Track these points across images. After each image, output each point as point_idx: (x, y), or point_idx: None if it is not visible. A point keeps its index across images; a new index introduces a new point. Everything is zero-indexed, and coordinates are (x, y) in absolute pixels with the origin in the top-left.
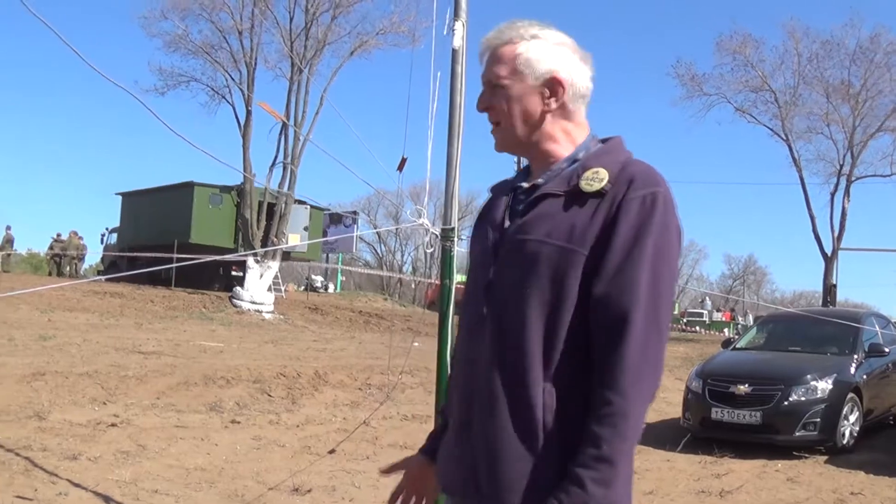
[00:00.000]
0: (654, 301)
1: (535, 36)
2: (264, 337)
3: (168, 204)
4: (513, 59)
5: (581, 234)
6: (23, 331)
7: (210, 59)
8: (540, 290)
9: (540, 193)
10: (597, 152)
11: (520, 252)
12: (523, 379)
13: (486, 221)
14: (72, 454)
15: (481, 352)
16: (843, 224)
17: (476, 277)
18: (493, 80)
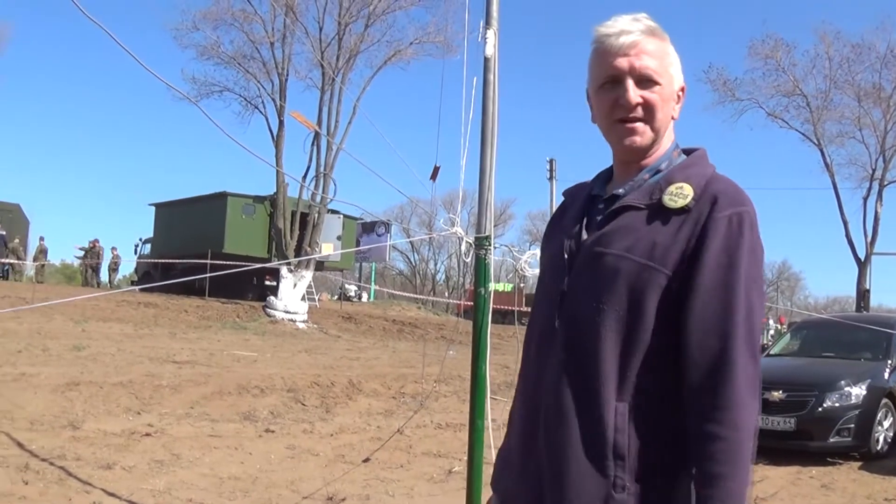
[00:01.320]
0: (750, 329)
1: (667, 37)
2: (298, 346)
3: (201, 214)
4: (662, 56)
5: (663, 253)
6: (57, 341)
7: (242, 69)
8: (617, 306)
9: (621, 205)
10: (681, 165)
11: (597, 265)
12: (594, 396)
13: (559, 229)
14: (106, 463)
15: (551, 363)
16: (876, 228)
17: (547, 287)
18: (647, 74)
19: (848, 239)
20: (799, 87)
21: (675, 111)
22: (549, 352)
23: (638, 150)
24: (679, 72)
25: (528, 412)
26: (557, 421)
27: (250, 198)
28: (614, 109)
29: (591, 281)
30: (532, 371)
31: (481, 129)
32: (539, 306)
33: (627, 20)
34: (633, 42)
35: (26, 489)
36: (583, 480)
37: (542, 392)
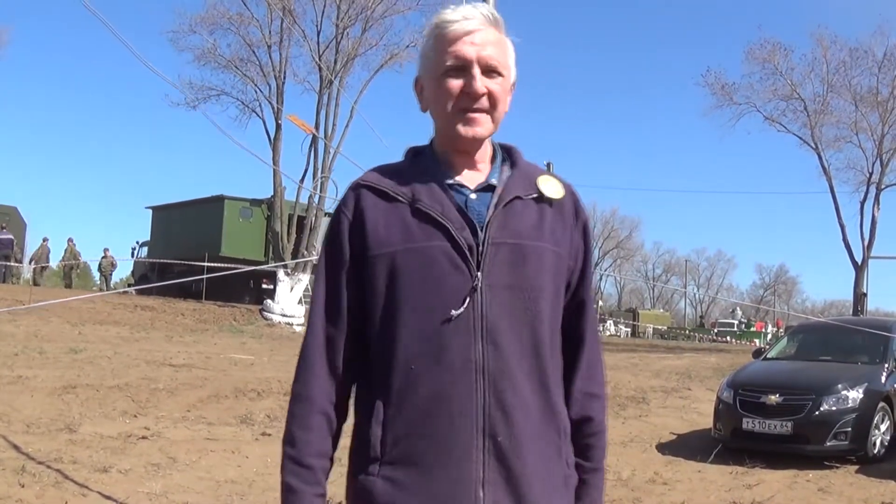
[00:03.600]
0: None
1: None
2: (295, 349)
3: (199, 217)
4: (504, 48)
5: (561, 239)
6: (53, 344)
7: (239, 73)
8: (547, 293)
9: (511, 196)
10: (523, 159)
11: (520, 255)
12: (546, 385)
13: (420, 219)
14: (102, 467)
15: (477, 360)
16: (873, 232)
17: (439, 281)
18: (493, 64)
19: (845, 243)
20: (796, 91)
21: (507, 104)
22: (469, 354)
23: (478, 141)
24: (514, 65)
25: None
26: (517, 418)
27: (247, 201)
28: (460, 98)
29: (514, 272)
30: (444, 379)
31: None
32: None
33: (469, 8)
34: (477, 30)
35: (23, 492)
36: (550, 469)
37: (475, 396)
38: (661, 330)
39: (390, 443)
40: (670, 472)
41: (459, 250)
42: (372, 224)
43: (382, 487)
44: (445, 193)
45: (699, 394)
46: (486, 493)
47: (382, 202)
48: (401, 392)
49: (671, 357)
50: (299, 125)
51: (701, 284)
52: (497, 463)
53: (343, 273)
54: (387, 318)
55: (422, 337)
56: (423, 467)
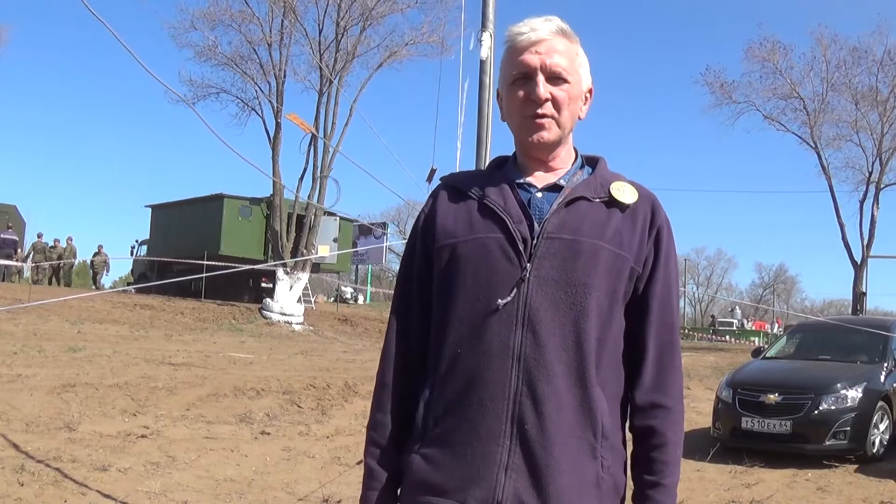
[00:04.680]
0: (678, 316)
1: (578, 39)
2: (294, 348)
3: (198, 216)
4: (572, 56)
5: (628, 242)
6: (52, 342)
7: (239, 71)
8: (596, 290)
9: (576, 195)
10: (605, 169)
11: (571, 251)
12: (583, 381)
13: (482, 213)
14: (101, 465)
15: (516, 353)
16: (873, 232)
17: (490, 273)
18: (557, 71)
19: (844, 242)
20: (796, 90)
21: (583, 112)
22: (508, 341)
23: (546, 145)
24: (588, 73)
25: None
26: (548, 409)
27: (247, 199)
28: (525, 105)
29: (564, 267)
30: (481, 363)
31: (476, 131)
32: (478, 294)
33: (539, 21)
34: (543, 40)
35: (22, 490)
36: (579, 465)
37: (507, 382)
38: None
39: (431, 422)
40: None
41: (513, 242)
42: (442, 218)
43: (419, 464)
44: (512, 191)
45: (698, 393)
46: (507, 479)
47: (456, 199)
48: (444, 374)
49: None
50: (299, 124)
51: (700, 283)
52: (522, 450)
53: (415, 265)
54: (443, 304)
55: (468, 322)
56: (454, 447)
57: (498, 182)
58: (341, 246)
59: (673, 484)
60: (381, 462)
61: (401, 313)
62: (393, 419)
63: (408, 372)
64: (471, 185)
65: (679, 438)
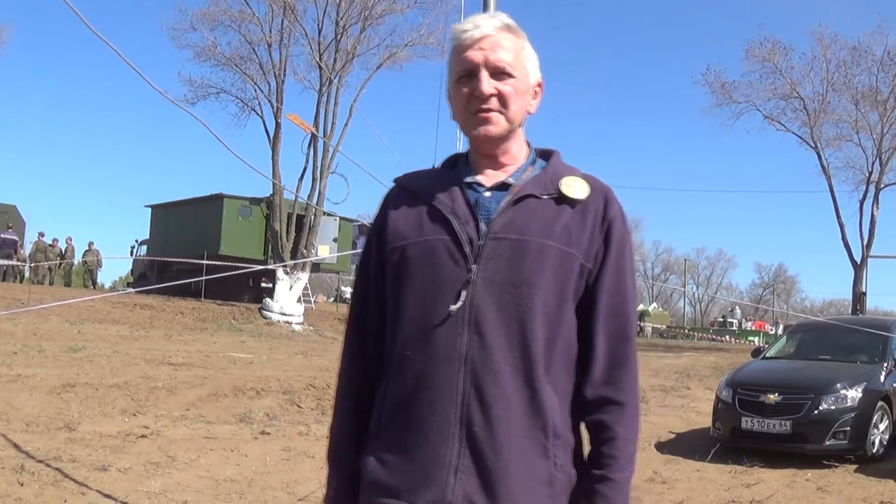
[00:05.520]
0: (634, 312)
1: (524, 34)
2: (294, 348)
3: (198, 216)
4: (517, 51)
5: (577, 239)
6: (52, 342)
7: (239, 71)
8: (544, 290)
9: (524, 194)
10: (559, 161)
11: (517, 251)
12: (532, 382)
13: (430, 215)
14: (101, 465)
15: (463, 354)
16: (873, 232)
17: (436, 276)
18: (501, 66)
19: (844, 242)
20: (796, 90)
21: (532, 106)
22: (455, 343)
23: (492, 139)
24: (536, 68)
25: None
26: (496, 410)
27: (247, 199)
28: (470, 101)
29: (510, 267)
30: (428, 365)
31: None
32: (425, 296)
33: (483, 17)
34: (487, 36)
35: (22, 490)
36: (529, 465)
37: (455, 384)
38: (660, 329)
39: (383, 423)
40: (669, 471)
41: (459, 244)
42: (393, 220)
43: (373, 465)
44: (461, 191)
45: (698, 393)
46: (457, 480)
47: (407, 200)
48: (395, 376)
49: (670, 356)
50: (298, 124)
51: (700, 283)
52: (471, 452)
53: (370, 267)
54: (393, 306)
55: (416, 324)
56: (405, 448)
57: (447, 182)
58: (341, 246)
59: (623, 479)
60: (343, 463)
61: (358, 315)
62: (353, 422)
63: (366, 373)
64: (422, 185)
65: (631, 434)
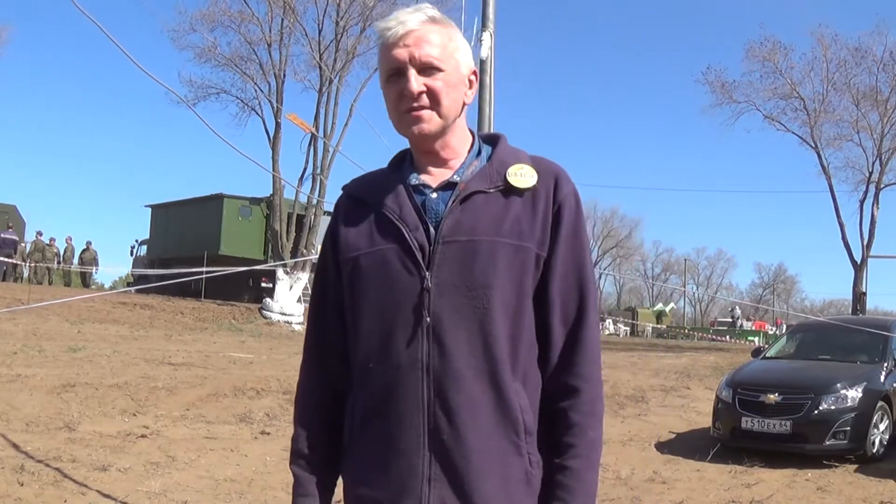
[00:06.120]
0: (595, 293)
1: (452, 24)
2: (294, 348)
3: (198, 216)
4: (444, 43)
5: (529, 231)
6: (52, 342)
7: (239, 71)
8: (501, 290)
9: (470, 191)
10: (503, 149)
11: (469, 253)
12: (498, 383)
13: (379, 224)
14: (101, 465)
15: (425, 362)
16: (873, 231)
17: (393, 285)
18: (428, 61)
19: (844, 242)
20: (796, 89)
21: (468, 96)
22: (415, 353)
23: (428, 137)
24: (468, 56)
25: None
26: (462, 416)
27: (247, 199)
28: (400, 100)
29: (463, 270)
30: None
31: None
32: (382, 308)
33: (407, 13)
34: (411, 31)
35: (22, 490)
36: (503, 466)
37: (419, 394)
38: (660, 329)
39: (354, 434)
40: (669, 471)
41: (410, 251)
42: (345, 230)
43: (348, 478)
44: (408, 195)
45: (698, 393)
46: (431, 490)
47: (356, 208)
48: (360, 387)
49: (670, 356)
50: (298, 124)
51: (700, 283)
52: (441, 460)
53: (328, 275)
54: (352, 318)
55: (376, 336)
56: (380, 462)
57: (394, 186)
58: None
59: (584, 467)
60: (306, 470)
61: (316, 324)
62: (311, 429)
63: (325, 382)
64: (369, 191)
65: (591, 421)
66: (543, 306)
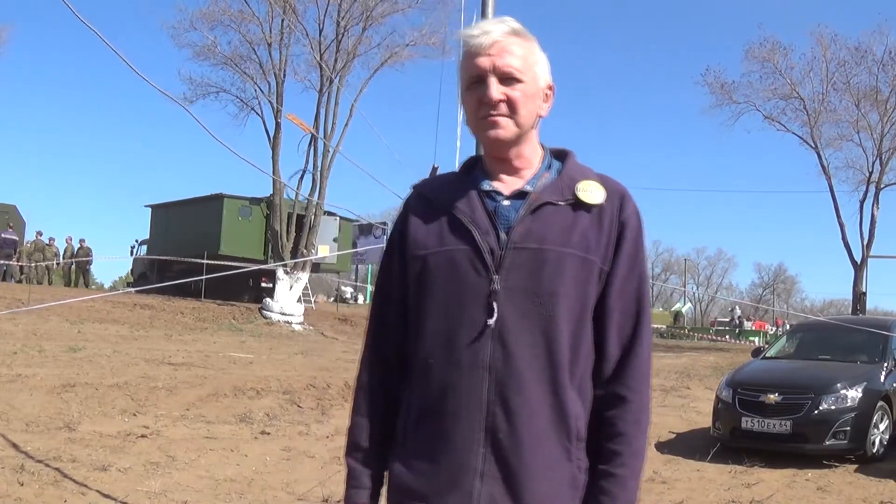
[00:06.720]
0: (650, 310)
1: (533, 38)
2: (294, 348)
3: (198, 216)
4: (525, 55)
5: (595, 246)
6: (53, 342)
7: (239, 71)
8: (566, 298)
9: (541, 202)
10: (573, 165)
11: (539, 261)
12: (557, 388)
13: (450, 225)
14: (101, 465)
15: (488, 364)
16: (873, 231)
17: (461, 286)
18: (508, 71)
19: (844, 242)
20: (796, 90)
21: (543, 109)
22: (479, 353)
23: (503, 143)
24: (546, 71)
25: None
26: (520, 417)
27: (247, 199)
28: (480, 107)
29: (531, 277)
30: (453, 375)
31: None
32: (448, 307)
33: (492, 23)
34: (495, 42)
35: (22, 490)
36: (553, 469)
37: (479, 393)
38: (660, 329)
39: (410, 429)
40: (669, 470)
41: (480, 254)
42: (414, 228)
43: (401, 469)
44: (480, 200)
45: (698, 393)
46: (483, 485)
47: (426, 208)
48: (419, 383)
49: (670, 356)
50: (298, 124)
51: (700, 283)
52: (495, 458)
53: (392, 271)
54: (417, 314)
55: (440, 334)
56: (432, 454)
57: (466, 190)
58: (341, 246)
59: (628, 475)
60: (362, 462)
61: (378, 319)
62: (371, 422)
63: (385, 376)
64: (441, 193)
65: (637, 430)
66: (602, 318)
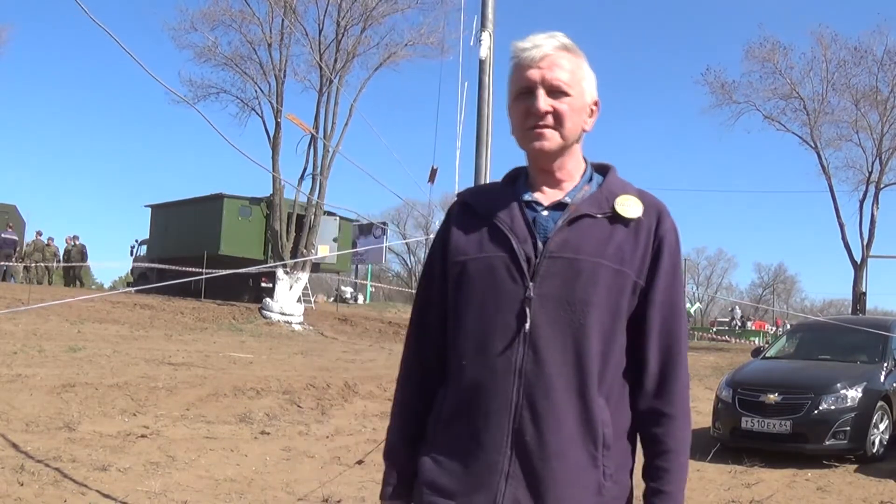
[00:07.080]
0: (686, 325)
1: (582, 54)
2: (294, 348)
3: (198, 216)
4: (574, 70)
5: (630, 259)
6: (52, 342)
7: (239, 71)
8: (598, 308)
9: (580, 213)
10: (614, 180)
11: (573, 270)
12: (584, 395)
13: (490, 232)
14: (101, 465)
15: (519, 369)
16: (873, 231)
17: (497, 292)
18: (557, 85)
19: (844, 242)
20: (796, 90)
21: (588, 124)
22: (510, 357)
23: (548, 154)
24: (593, 87)
25: (488, 417)
26: (547, 421)
27: (247, 199)
28: (527, 118)
29: (565, 286)
30: (485, 377)
31: (476, 131)
32: (483, 311)
33: (542, 37)
34: (546, 55)
35: (22, 490)
36: (578, 475)
37: (509, 396)
38: None
39: (440, 427)
40: None
41: (517, 261)
42: (456, 235)
43: (429, 466)
44: (520, 209)
45: (698, 393)
46: (507, 486)
47: (469, 216)
48: (453, 384)
49: None
50: (298, 124)
51: (700, 283)
52: (521, 460)
53: (434, 275)
54: (454, 319)
55: (474, 337)
56: (460, 454)
57: (508, 200)
58: (341, 246)
59: (676, 491)
60: (398, 462)
61: (419, 322)
62: (411, 422)
63: (424, 376)
64: (484, 202)
65: (681, 447)
66: (641, 334)
